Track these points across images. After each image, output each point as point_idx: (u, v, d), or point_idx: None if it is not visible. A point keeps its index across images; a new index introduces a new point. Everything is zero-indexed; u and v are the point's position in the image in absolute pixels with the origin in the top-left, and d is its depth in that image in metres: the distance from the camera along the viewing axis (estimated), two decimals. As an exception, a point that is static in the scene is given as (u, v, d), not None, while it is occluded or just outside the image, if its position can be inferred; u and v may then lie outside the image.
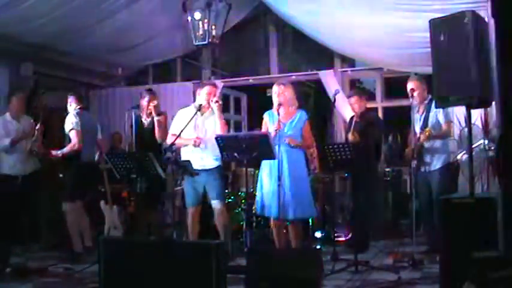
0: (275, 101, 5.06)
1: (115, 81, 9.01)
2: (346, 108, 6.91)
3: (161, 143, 5.68)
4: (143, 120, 5.94)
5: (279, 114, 4.97)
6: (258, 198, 5.14)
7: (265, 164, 5.08)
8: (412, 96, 5.42)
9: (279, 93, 5.06)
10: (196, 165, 5.22)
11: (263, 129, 5.20)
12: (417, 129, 5.38)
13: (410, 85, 5.45)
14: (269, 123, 5.13)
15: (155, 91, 6.23)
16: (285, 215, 4.91)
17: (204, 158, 5.29)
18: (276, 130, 4.89)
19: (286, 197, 4.84)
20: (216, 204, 5.36)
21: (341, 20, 6.54)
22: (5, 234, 5.60)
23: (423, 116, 5.38)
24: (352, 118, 6.07)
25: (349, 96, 6.26)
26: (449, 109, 5.25)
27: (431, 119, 5.31)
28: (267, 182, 5.03)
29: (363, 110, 6.05)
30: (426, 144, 5.27)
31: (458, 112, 5.83)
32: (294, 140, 4.96)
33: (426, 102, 5.41)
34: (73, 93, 6.11)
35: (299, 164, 5.04)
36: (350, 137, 5.72)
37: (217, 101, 5.34)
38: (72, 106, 5.96)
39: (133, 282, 3.75)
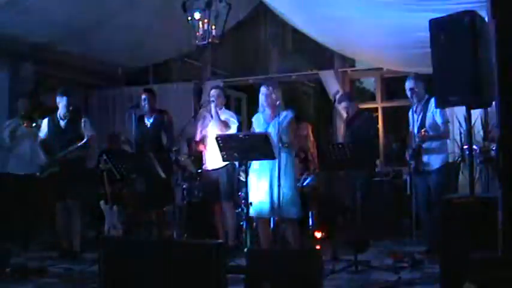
0: (262, 101, 5.11)
1: (115, 81, 9.01)
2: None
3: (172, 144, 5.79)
4: (145, 120, 5.95)
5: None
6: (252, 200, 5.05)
7: (254, 165, 5.06)
8: (412, 95, 5.42)
9: (266, 94, 5.09)
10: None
11: None
12: (415, 129, 5.38)
13: (410, 84, 5.45)
14: (256, 126, 5.16)
15: (154, 90, 6.26)
16: (282, 214, 4.91)
17: (215, 157, 5.39)
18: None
19: (280, 197, 4.81)
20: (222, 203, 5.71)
21: (341, 20, 6.53)
22: (5, 233, 5.61)
23: (420, 116, 5.37)
24: (346, 119, 6.12)
25: (339, 102, 6.27)
26: (448, 109, 5.25)
27: (428, 119, 5.31)
28: (257, 182, 5.01)
29: (356, 111, 6.10)
30: (424, 145, 5.27)
31: (458, 112, 5.83)
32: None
33: (423, 102, 5.40)
34: (68, 91, 6.01)
35: (289, 164, 5.02)
36: (343, 139, 5.78)
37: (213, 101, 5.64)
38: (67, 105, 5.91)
39: (133, 282, 3.75)
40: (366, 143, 5.71)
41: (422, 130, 5.16)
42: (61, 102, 5.82)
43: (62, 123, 5.84)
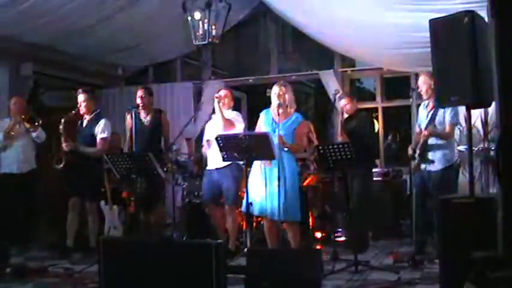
0: (274, 101, 5.01)
1: (115, 81, 9.00)
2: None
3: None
4: (142, 118, 5.94)
5: (279, 115, 4.94)
6: (254, 199, 4.99)
7: (256, 166, 5.02)
8: (420, 92, 5.38)
9: (279, 94, 5.01)
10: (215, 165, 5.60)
11: (257, 128, 5.17)
12: (423, 125, 5.32)
13: (418, 82, 5.43)
14: (264, 122, 5.08)
15: (151, 89, 6.26)
16: (280, 216, 4.90)
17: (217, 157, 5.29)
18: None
19: (281, 198, 4.78)
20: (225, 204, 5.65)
21: (341, 20, 6.54)
22: (4, 233, 5.61)
23: (431, 112, 5.31)
24: (342, 119, 6.12)
25: (340, 99, 6.26)
26: (459, 110, 5.16)
27: (438, 117, 5.25)
28: (261, 183, 4.94)
29: (354, 111, 6.11)
30: (430, 141, 5.21)
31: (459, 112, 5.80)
32: (283, 140, 4.86)
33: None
34: (88, 91, 6.11)
35: (291, 167, 4.98)
36: (339, 138, 5.77)
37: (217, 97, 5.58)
38: (90, 106, 5.98)
39: (133, 282, 3.75)
40: (363, 142, 5.71)
41: (430, 127, 5.12)
42: (82, 102, 5.92)
43: (84, 122, 6.04)
